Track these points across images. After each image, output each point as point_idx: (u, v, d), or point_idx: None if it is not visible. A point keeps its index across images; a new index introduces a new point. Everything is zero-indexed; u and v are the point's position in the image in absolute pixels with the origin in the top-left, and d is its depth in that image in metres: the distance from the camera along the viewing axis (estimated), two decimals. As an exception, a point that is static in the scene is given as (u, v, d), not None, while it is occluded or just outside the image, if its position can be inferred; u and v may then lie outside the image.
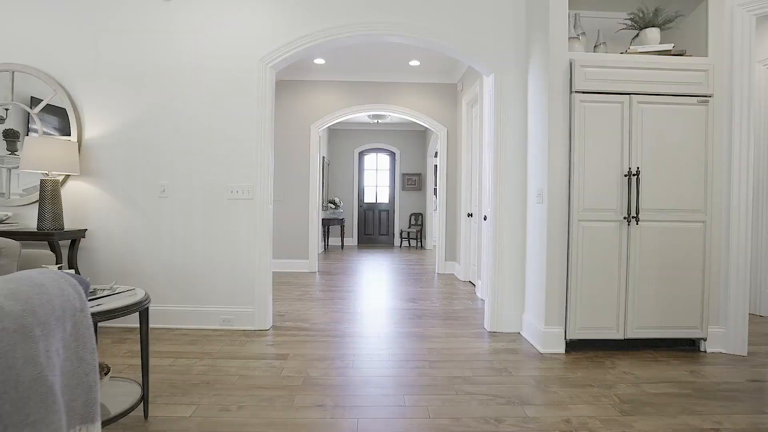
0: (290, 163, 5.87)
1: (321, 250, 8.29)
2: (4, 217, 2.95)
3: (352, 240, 9.83)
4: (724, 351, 2.87)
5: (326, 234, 8.82)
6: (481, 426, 1.84)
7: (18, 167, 3.15)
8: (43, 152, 2.79)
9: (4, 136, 3.24)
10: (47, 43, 3.15)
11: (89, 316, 0.93)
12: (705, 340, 2.88)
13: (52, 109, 3.16)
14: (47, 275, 0.83)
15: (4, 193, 3.19)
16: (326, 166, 9.06)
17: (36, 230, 2.83)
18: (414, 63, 5.44)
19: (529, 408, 2.02)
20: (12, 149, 3.26)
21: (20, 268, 2.00)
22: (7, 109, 3.21)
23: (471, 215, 5.13)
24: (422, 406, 2.03)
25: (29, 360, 0.70)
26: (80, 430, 0.84)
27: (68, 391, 0.77)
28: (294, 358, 2.63)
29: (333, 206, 8.90)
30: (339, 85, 5.89)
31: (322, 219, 8.46)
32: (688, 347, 2.93)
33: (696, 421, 1.92)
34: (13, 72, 3.10)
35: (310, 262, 5.85)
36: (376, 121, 8.30)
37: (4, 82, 3.12)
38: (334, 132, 9.77)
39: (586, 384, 2.31)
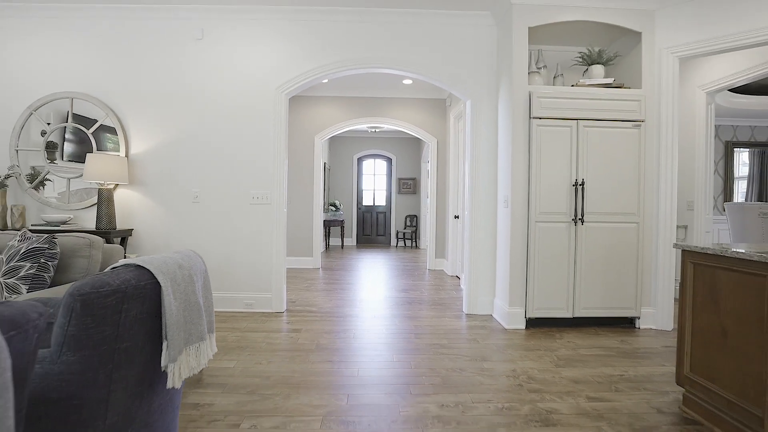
0: (296, 170, 6.53)
1: (323, 249, 8.94)
2: (68, 219, 3.59)
3: (351, 240, 10.49)
4: (654, 327, 3.54)
5: (327, 234, 9.47)
6: (449, 373, 2.50)
7: (62, 175, 3.79)
8: (101, 166, 3.44)
9: (46, 148, 3.86)
10: (101, 74, 3.80)
11: (208, 275, 1.58)
12: (639, 318, 3.56)
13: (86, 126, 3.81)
14: (189, 253, 1.48)
15: (58, 199, 3.83)
16: (327, 171, 9.72)
17: (95, 229, 3.47)
18: (407, 81, 6.11)
19: (487, 362, 2.68)
20: (51, 158, 3.86)
21: (103, 256, 2.65)
22: (48, 123, 3.82)
23: (457, 217, 5.79)
24: (407, 361, 2.69)
25: (192, 292, 1.35)
26: (202, 344, 1.50)
27: (206, 311, 1.42)
28: (306, 331, 3.29)
29: (334, 208, 9.55)
30: (340, 101, 6.56)
31: (324, 220, 9.11)
32: (626, 324, 3.60)
33: (609, 371, 2.58)
34: (72, 99, 3.75)
35: (314, 259, 6.51)
36: (373, 129, 8.97)
37: (65, 106, 3.77)
38: (334, 139, 10.43)
39: (535, 348, 2.97)
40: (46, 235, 2.21)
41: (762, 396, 1.70)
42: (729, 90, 6.29)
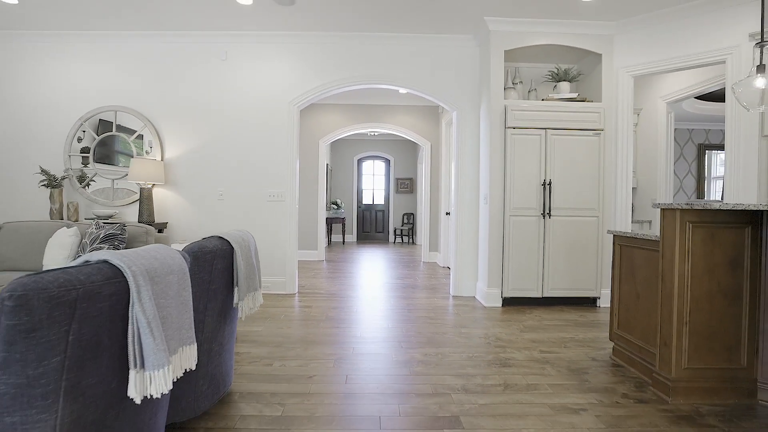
0: (302, 171, 7.15)
1: (325, 245, 9.55)
2: (113, 214, 4.21)
3: (351, 237, 11.11)
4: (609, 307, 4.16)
5: (329, 231, 10.09)
6: (433, 335, 3.13)
7: (95, 175, 4.41)
8: (143, 169, 4.07)
9: (81, 152, 4.45)
10: (139, 90, 4.42)
11: (257, 247, 2.20)
12: (599, 298, 4.18)
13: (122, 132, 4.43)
14: (246, 232, 2.09)
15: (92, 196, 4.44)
16: (330, 172, 10.34)
17: (138, 222, 4.09)
18: (403, 91, 6.72)
19: (465, 329, 3.31)
20: (85, 163, 4.45)
21: (155, 242, 3.27)
22: (84, 131, 4.41)
23: (449, 214, 6.42)
24: (399, 327, 3.31)
25: (250, 257, 1.96)
26: (256, 293, 2.12)
27: (257, 271, 2.05)
28: (316, 307, 3.91)
29: (335, 207, 10.18)
30: (343, 108, 7.18)
31: (326, 218, 9.73)
32: (589, 304, 4.22)
33: (563, 335, 3.21)
34: (116, 111, 4.37)
35: (319, 252, 7.13)
36: (373, 133, 9.59)
37: (102, 117, 4.39)
38: (336, 142, 11.05)
39: (507, 320, 3.60)
40: (119, 224, 2.83)
41: (655, 337, 2.33)
42: (695, 98, 6.91)
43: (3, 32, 4.39)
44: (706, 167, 8.24)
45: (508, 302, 4.16)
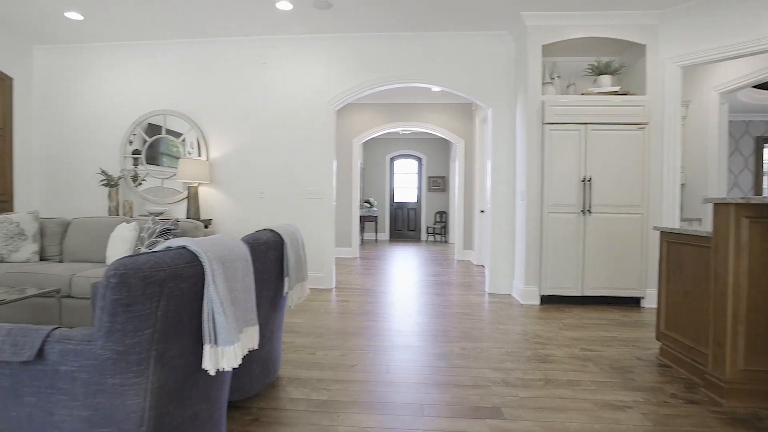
0: (337, 171, 7.30)
1: (358, 243, 9.69)
2: (163, 211, 4.48)
3: (384, 235, 11.21)
4: (656, 306, 4.02)
5: (362, 229, 10.22)
6: (470, 330, 3.15)
7: (147, 175, 4.68)
8: (191, 169, 4.30)
9: (132, 154, 4.74)
10: (185, 94, 4.68)
11: (303, 240, 2.31)
12: (644, 298, 4.05)
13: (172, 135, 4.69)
14: (296, 225, 2.21)
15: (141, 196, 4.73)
16: (362, 171, 10.48)
17: (186, 219, 4.33)
18: (436, 89, 6.73)
19: (502, 325, 3.31)
20: (135, 164, 4.74)
21: (204, 236, 3.47)
22: (134, 134, 4.69)
23: (483, 211, 6.38)
24: (435, 322, 3.35)
25: (298, 249, 2.07)
26: (303, 283, 2.22)
27: (305, 263, 2.16)
28: (353, 302, 4.01)
29: (368, 205, 10.30)
30: (375, 107, 7.27)
31: (359, 216, 9.86)
32: (632, 304, 4.10)
33: (605, 333, 3.15)
34: (165, 115, 4.65)
35: (353, 249, 7.26)
36: (406, 131, 9.64)
37: (151, 121, 4.67)
38: (368, 141, 11.17)
39: (545, 318, 3.56)
40: (172, 219, 3.03)
41: (706, 337, 2.26)
42: (753, 87, 6.52)
43: (69, 46, 4.76)
44: (765, 161, 7.75)
45: (546, 300, 4.11)
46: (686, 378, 2.36)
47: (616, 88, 4.08)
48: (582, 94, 4.12)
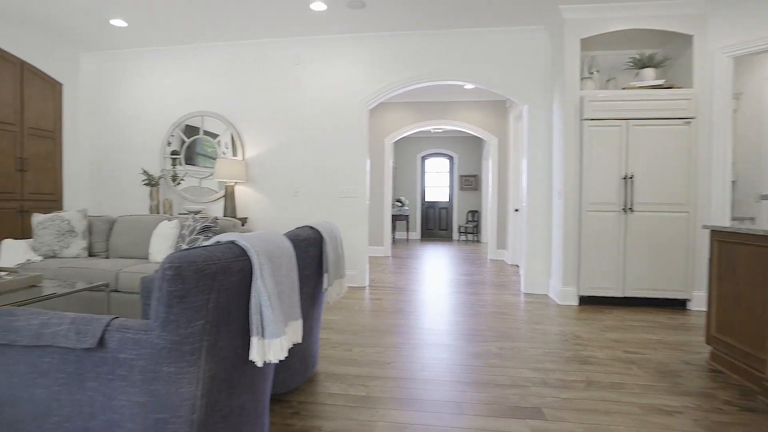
0: (369, 170, 7.34)
1: (390, 242, 9.70)
2: (201, 209, 4.65)
3: (415, 234, 11.18)
4: (705, 309, 3.81)
5: (394, 228, 10.23)
6: (506, 330, 3.09)
7: (186, 174, 4.86)
8: (228, 168, 4.44)
9: (171, 154, 4.93)
10: (221, 96, 4.83)
11: (341, 238, 2.34)
12: (690, 300, 3.85)
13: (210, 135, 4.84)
14: (333, 224, 2.24)
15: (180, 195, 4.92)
16: (394, 170, 10.49)
17: (223, 217, 4.47)
18: (469, 86, 6.65)
19: (540, 325, 3.23)
20: (174, 164, 4.93)
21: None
22: (173, 135, 4.88)
23: (517, 210, 6.24)
24: (470, 322, 3.31)
25: (336, 246, 2.10)
26: (342, 280, 2.25)
27: (343, 260, 2.18)
28: (386, 300, 4.02)
29: (399, 204, 10.30)
30: (407, 106, 7.26)
31: (391, 215, 9.87)
32: (678, 306, 3.90)
33: (650, 336, 3.01)
34: (203, 116, 4.82)
35: (385, 248, 7.28)
36: (437, 129, 9.57)
37: (188, 122, 4.85)
38: (400, 140, 11.17)
39: (584, 318, 3.45)
40: (213, 217, 3.14)
41: (764, 342, 2.12)
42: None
43: (113, 52, 5.03)
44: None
45: (585, 301, 3.98)
46: (741, 384, 2.22)
47: (660, 82, 3.89)
48: (623, 89, 3.95)
